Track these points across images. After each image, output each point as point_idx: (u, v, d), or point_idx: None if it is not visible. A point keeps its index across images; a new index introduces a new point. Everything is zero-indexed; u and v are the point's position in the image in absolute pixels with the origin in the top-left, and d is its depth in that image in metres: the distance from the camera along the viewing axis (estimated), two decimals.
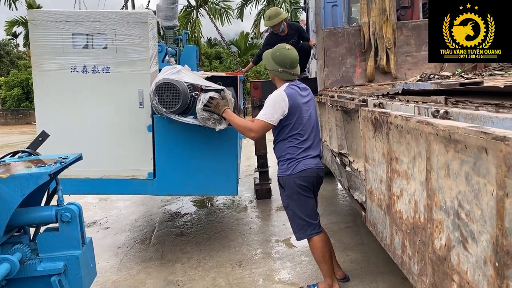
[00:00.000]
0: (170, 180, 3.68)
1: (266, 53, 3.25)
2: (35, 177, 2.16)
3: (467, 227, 1.33)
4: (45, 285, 2.24)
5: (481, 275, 1.25)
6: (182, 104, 3.32)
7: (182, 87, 3.35)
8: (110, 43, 3.53)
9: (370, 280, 3.39)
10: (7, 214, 2.13)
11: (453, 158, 1.38)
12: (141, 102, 3.58)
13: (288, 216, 3.23)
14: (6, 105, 26.23)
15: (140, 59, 3.55)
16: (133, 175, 3.68)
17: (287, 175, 3.08)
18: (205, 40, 27.68)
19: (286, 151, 3.09)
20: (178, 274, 3.67)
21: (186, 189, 3.76)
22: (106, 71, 3.57)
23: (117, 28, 3.50)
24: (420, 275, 1.76)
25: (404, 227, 1.92)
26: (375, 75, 5.00)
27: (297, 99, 3.06)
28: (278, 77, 3.18)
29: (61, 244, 2.29)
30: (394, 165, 2.01)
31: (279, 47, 3.20)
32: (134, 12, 3.60)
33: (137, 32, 3.51)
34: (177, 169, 3.66)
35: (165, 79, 3.32)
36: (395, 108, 2.10)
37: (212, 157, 3.64)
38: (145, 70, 3.57)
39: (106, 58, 3.54)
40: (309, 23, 7.20)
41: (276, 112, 2.98)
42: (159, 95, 3.30)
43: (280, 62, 3.12)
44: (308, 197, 3.10)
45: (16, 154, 2.69)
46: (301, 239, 3.17)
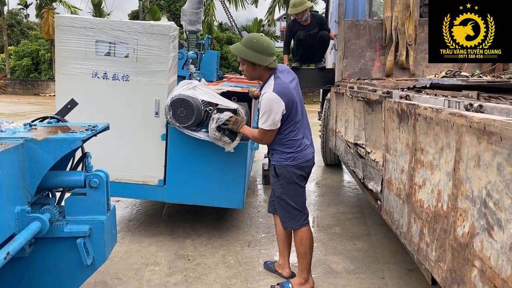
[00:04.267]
0: (179, 188, 3.81)
1: (236, 46, 2.98)
2: (68, 142, 2.23)
3: (494, 215, 1.39)
4: (70, 246, 2.33)
5: (505, 260, 1.32)
6: (195, 120, 3.47)
7: (196, 104, 3.47)
8: (132, 52, 3.65)
9: (376, 269, 3.47)
10: (40, 175, 2.21)
11: (485, 149, 1.44)
12: (157, 112, 3.72)
13: (279, 206, 3.13)
14: (15, 75, 26.31)
15: (160, 70, 3.67)
16: (144, 180, 3.83)
17: (284, 165, 2.99)
18: (217, 24, 27.58)
19: (284, 145, 2.99)
20: (188, 250, 3.77)
21: (193, 199, 3.87)
22: (126, 79, 3.69)
23: (139, 39, 3.62)
24: (437, 261, 1.83)
25: (424, 215, 1.99)
26: (393, 70, 5.04)
27: (289, 92, 2.91)
28: (264, 66, 2.92)
29: (87, 209, 2.37)
30: (419, 156, 2.08)
31: (252, 36, 2.99)
32: (157, 24, 3.70)
33: (158, 43, 3.63)
34: (186, 179, 3.79)
35: (180, 95, 3.44)
36: (423, 101, 2.16)
37: (222, 170, 3.76)
38: (164, 81, 3.69)
39: (126, 66, 3.67)
40: (329, 14, 7.21)
41: (275, 117, 2.85)
42: (173, 110, 3.45)
43: (261, 49, 2.88)
44: (302, 187, 3.08)
45: (45, 119, 2.76)
46: (291, 228, 3.11)
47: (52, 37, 23.26)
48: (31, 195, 2.21)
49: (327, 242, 4.02)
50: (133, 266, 3.45)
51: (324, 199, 5.48)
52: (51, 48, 24.40)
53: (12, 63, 26.51)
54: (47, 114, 2.85)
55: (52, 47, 23.95)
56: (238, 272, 3.37)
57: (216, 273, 3.35)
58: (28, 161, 2.17)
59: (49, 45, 25.12)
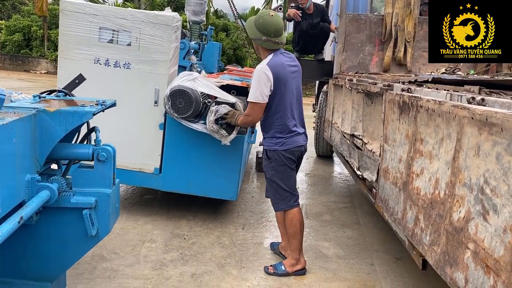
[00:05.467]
0: (174, 177, 3.89)
1: (249, 20, 3.10)
2: (80, 115, 2.28)
3: (490, 201, 1.50)
4: (76, 216, 2.39)
5: (499, 242, 1.43)
6: (193, 111, 3.53)
7: (195, 95, 3.53)
8: (134, 41, 3.71)
9: (366, 256, 3.60)
10: (50, 146, 2.26)
11: (485, 139, 1.54)
12: (156, 101, 3.78)
13: (270, 187, 3.24)
14: (5, 50, 25.86)
15: (161, 60, 3.73)
16: (140, 168, 3.90)
17: (274, 149, 3.09)
18: (213, 11, 27.38)
19: (274, 129, 3.07)
20: (184, 229, 3.85)
21: (188, 188, 3.95)
22: (127, 67, 3.76)
23: (142, 28, 3.68)
24: (431, 245, 1.95)
25: (421, 202, 2.09)
26: (391, 66, 5.15)
27: (282, 70, 2.98)
28: (262, 46, 3.06)
29: (94, 181, 2.42)
30: (418, 146, 2.18)
31: (262, 13, 3.07)
32: (161, 14, 3.75)
33: (161, 33, 3.69)
34: (182, 168, 3.86)
35: (180, 86, 3.51)
36: (425, 94, 2.25)
37: (217, 162, 3.84)
38: (164, 71, 3.75)
39: (128, 54, 3.73)
40: (329, 7, 7.28)
41: (263, 89, 2.93)
42: (172, 101, 3.51)
43: (264, 30, 2.98)
44: (292, 169, 3.16)
45: (52, 92, 2.80)
46: (281, 210, 3.19)
47: (46, 13, 22.90)
48: (40, 165, 2.26)
49: (318, 229, 4.14)
50: (129, 242, 3.52)
51: (315, 188, 5.59)
52: (43, 25, 24.01)
53: (3, 37, 26.03)
54: (53, 88, 2.89)
55: (44, 23, 23.58)
56: (233, 253, 3.47)
57: (211, 252, 3.45)
58: (40, 132, 2.21)
59: (41, 22, 24.69)
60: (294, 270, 3.18)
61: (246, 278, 3.10)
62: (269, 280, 3.11)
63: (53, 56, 22.91)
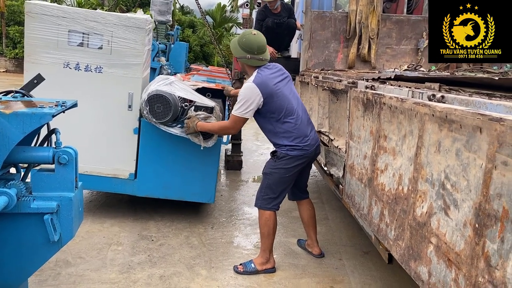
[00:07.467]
0: (150, 182, 3.83)
1: (233, 41, 3.23)
2: (38, 116, 2.19)
3: (451, 196, 1.54)
4: (37, 222, 2.30)
5: (459, 236, 1.47)
6: (172, 116, 3.48)
7: (173, 99, 3.48)
8: (106, 44, 3.61)
9: (334, 251, 3.65)
10: (7, 149, 2.17)
11: (445, 136, 1.58)
12: (130, 105, 3.70)
13: (261, 182, 3.26)
14: None
15: (134, 63, 3.65)
16: (114, 173, 3.81)
17: (284, 152, 3.09)
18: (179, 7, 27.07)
19: (282, 140, 3.08)
20: (151, 230, 3.79)
21: (164, 193, 3.90)
22: (99, 71, 3.65)
23: (114, 31, 3.58)
24: (396, 240, 1.98)
25: (385, 197, 2.13)
26: (355, 63, 5.23)
27: (270, 84, 3.05)
28: (247, 64, 3.16)
29: (55, 185, 2.34)
30: (382, 142, 2.22)
31: (245, 33, 3.19)
32: (133, 17, 3.66)
33: (133, 36, 3.60)
34: (158, 173, 3.81)
35: (157, 90, 3.45)
36: (388, 91, 2.29)
37: (194, 165, 3.80)
38: (138, 74, 3.67)
39: (100, 58, 3.63)
40: (295, 4, 7.31)
41: (249, 106, 3.00)
42: (150, 106, 3.45)
43: (247, 48, 3.10)
44: (292, 178, 3.18)
45: (9, 93, 2.68)
46: (259, 207, 3.21)
47: (3, 9, 21.99)
48: None
49: (288, 225, 4.16)
50: (95, 245, 3.43)
51: None
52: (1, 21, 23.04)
53: None
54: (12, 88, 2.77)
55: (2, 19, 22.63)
56: (202, 253, 3.44)
57: (180, 253, 3.41)
58: None
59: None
60: (263, 268, 3.20)
61: (216, 278, 3.08)
62: (238, 279, 3.10)
63: (12, 54, 22.05)
